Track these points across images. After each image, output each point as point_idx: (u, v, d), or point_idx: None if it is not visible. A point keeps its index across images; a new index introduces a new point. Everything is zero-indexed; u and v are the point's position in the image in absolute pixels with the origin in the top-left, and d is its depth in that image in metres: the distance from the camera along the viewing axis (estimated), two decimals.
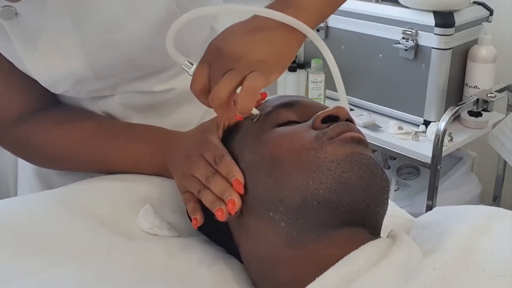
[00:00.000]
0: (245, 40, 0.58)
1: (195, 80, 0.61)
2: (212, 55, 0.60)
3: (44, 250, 0.62)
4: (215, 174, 0.62)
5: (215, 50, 0.59)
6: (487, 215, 0.60)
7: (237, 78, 0.58)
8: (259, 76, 0.58)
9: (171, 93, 0.81)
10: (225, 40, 0.59)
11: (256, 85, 0.58)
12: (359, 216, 0.56)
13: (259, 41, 0.58)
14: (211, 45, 0.60)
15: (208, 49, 0.61)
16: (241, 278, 0.62)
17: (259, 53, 0.58)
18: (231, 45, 0.58)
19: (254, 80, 0.57)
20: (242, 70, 0.58)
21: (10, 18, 0.65)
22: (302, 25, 0.59)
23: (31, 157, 0.82)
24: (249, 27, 0.59)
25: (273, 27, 0.58)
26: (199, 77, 0.60)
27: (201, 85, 0.60)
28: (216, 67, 0.59)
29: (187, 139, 0.71)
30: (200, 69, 0.61)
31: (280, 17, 0.58)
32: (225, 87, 0.57)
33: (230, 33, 0.60)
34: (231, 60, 0.58)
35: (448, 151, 1.70)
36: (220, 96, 0.58)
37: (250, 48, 0.58)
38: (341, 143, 0.57)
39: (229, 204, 0.59)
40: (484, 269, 0.49)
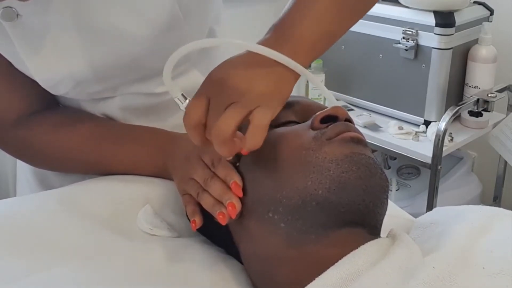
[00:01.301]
0: (248, 74, 0.56)
1: (190, 112, 0.57)
2: (212, 88, 0.57)
3: (44, 250, 0.62)
4: (213, 177, 0.62)
5: (216, 83, 0.57)
6: (488, 215, 0.60)
7: (242, 113, 0.55)
8: (267, 111, 0.55)
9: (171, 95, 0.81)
10: (225, 72, 0.57)
11: (265, 121, 0.55)
12: (358, 216, 0.56)
13: (261, 75, 0.57)
14: (210, 78, 0.58)
15: (207, 82, 0.58)
16: (241, 279, 0.62)
17: (261, 87, 0.56)
18: (233, 79, 0.56)
19: (263, 117, 0.55)
20: (247, 104, 0.55)
21: (11, 19, 0.64)
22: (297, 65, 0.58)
23: (31, 159, 0.82)
24: (248, 61, 0.57)
25: (272, 62, 0.57)
26: (195, 109, 0.57)
27: (196, 119, 0.57)
28: (217, 100, 0.56)
29: (186, 141, 0.71)
30: (197, 101, 0.57)
31: (276, 56, 0.57)
32: (230, 121, 0.54)
33: (230, 67, 0.58)
34: (235, 94, 0.55)
35: (449, 151, 1.70)
36: (225, 131, 0.54)
37: (254, 82, 0.56)
38: (340, 143, 0.57)
39: (229, 207, 0.59)
40: (484, 267, 0.49)
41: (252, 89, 0.55)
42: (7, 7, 0.63)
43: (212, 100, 0.57)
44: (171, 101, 0.81)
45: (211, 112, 0.57)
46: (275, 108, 0.57)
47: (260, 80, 0.56)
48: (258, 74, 0.56)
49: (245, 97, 0.55)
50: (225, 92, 0.56)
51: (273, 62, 0.57)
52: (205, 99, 0.57)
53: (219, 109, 0.55)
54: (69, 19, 0.67)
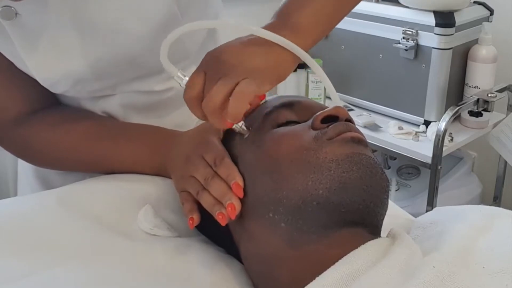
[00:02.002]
0: (242, 50, 0.60)
1: (189, 87, 0.60)
2: (208, 63, 0.60)
3: (44, 250, 0.62)
4: (214, 176, 0.62)
5: (212, 58, 0.60)
6: (487, 215, 0.60)
7: (230, 84, 0.58)
8: (251, 82, 0.58)
9: (171, 93, 0.81)
10: (223, 49, 0.60)
11: (247, 90, 0.58)
12: (359, 216, 0.56)
13: (255, 52, 0.60)
14: (208, 54, 0.61)
15: (205, 58, 0.61)
16: (241, 279, 0.62)
17: (254, 62, 0.59)
18: (227, 54, 0.59)
19: (245, 86, 0.58)
20: (235, 76, 0.58)
21: (10, 18, 0.65)
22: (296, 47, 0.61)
23: (31, 158, 0.82)
24: (247, 41, 0.61)
25: (270, 43, 0.60)
26: (194, 84, 0.60)
27: (195, 92, 0.60)
28: (211, 74, 0.59)
29: (187, 139, 0.71)
30: (195, 76, 0.60)
31: (276, 39, 0.60)
32: (218, 92, 0.57)
33: (228, 44, 0.61)
34: (226, 67, 0.58)
35: (449, 151, 1.70)
36: (213, 101, 0.58)
37: (246, 57, 0.59)
38: (341, 143, 0.57)
39: (228, 208, 0.59)
40: (484, 266, 0.49)
41: (242, 63, 0.58)
42: (6, 6, 0.64)
43: (207, 74, 0.60)
44: (171, 99, 0.81)
45: (206, 86, 0.60)
46: (264, 84, 0.59)
47: (255, 56, 0.59)
48: (255, 51, 0.60)
49: (235, 70, 0.58)
50: (218, 65, 0.59)
51: (272, 44, 0.60)
52: (202, 74, 0.60)
53: (212, 82, 0.59)
54: (67, 17, 0.67)
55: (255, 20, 0.77)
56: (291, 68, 0.62)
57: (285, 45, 0.60)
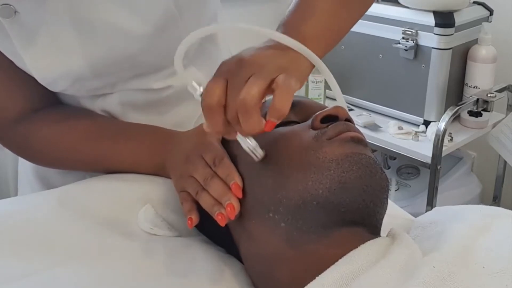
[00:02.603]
0: (264, 53, 0.57)
1: (209, 94, 0.54)
2: (229, 68, 0.56)
3: (44, 250, 0.62)
4: (213, 176, 0.62)
5: (233, 64, 0.56)
6: (487, 215, 0.60)
7: (265, 80, 0.53)
8: (290, 76, 0.53)
9: (170, 91, 0.81)
10: (243, 55, 0.56)
11: (291, 83, 0.53)
12: (358, 216, 0.56)
13: (277, 54, 0.57)
14: (226, 62, 0.57)
15: (223, 65, 0.57)
16: (241, 278, 0.62)
17: (280, 61, 0.56)
18: (251, 57, 0.56)
19: (288, 79, 0.53)
20: (269, 73, 0.54)
21: (9, 16, 0.65)
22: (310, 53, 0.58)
23: (31, 157, 0.83)
24: (264, 46, 0.58)
25: (286, 48, 0.58)
26: (214, 90, 0.54)
27: (216, 99, 0.54)
28: (236, 78, 0.54)
29: (186, 139, 0.71)
30: (215, 83, 0.55)
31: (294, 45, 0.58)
32: (254, 89, 0.52)
33: (245, 51, 0.57)
34: (254, 67, 0.54)
35: (448, 151, 1.70)
36: (250, 100, 0.52)
37: (271, 57, 0.56)
38: (341, 143, 0.57)
39: (227, 208, 0.59)
40: (484, 266, 0.49)
41: (271, 62, 0.56)
42: (5, 4, 0.64)
43: (230, 80, 0.55)
44: (169, 97, 0.82)
45: (230, 91, 0.54)
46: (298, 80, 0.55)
47: (277, 57, 0.57)
48: (276, 53, 0.57)
49: (265, 68, 0.54)
50: (243, 67, 0.55)
51: (288, 49, 0.58)
52: (223, 80, 0.55)
53: (240, 84, 0.53)
54: (66, 15, 0.67)
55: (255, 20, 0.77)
56: (309, 71, 0.61)
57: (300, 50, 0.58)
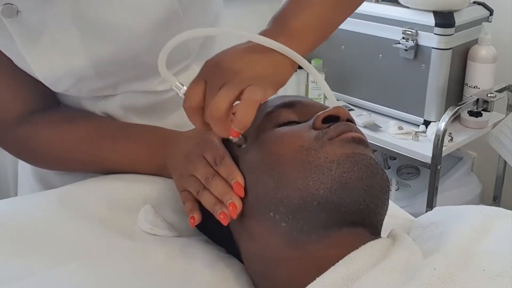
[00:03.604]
0: (242, 57, 0.59)
1: (190, 96, 0.59)
2: (208, 71, 0.60)
3: (44, 250, 0.62)
4: (215, 175, 0.62)
5: (212, 66, 0.59)
6: (487, 215, 0.59)
7: (234, 91, 0.57)
8: (257, 89, 0.57)
9: (171, 93, 0.81)
10: (222, 57, 0.60)
11: (255, 97, 0.56)
12: (359, 216, 0.56)
13: (255, 59, 0.59)
14: (207, 63, 0.60)
15: (204, 66, 0.60)
16: (242, 278, 0.62)
17: (255, 69, 0.59)
18: (228, 61, 0.59)
19: (253, 93, 0.56)
20: (239, 83, 0.57)
21: (12, 15, 0.65)
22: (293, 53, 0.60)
23: (31, 158, 0.82)
24: (245, 48, 0.61)
25: (267, 50, 0.60)
26: (194, 92, 0.59)
27: (195, 102, 0.59)
28: (213, 82, 0.58)
29: (187, 139, 0.71)
30: (195, 85, 0.59)
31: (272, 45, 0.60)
32: (224, 99, 0.56)
33: (226, 52, 0.60)
34: (228, 74, 0.57)
35: (448, 151, 1.70)
36: (218, 108, 0.56)
37: (247, 64, 0.59)
38: (342, 143, 0.57)
39: (230, 207, 0.59)
40: (485, 269, 0.49)
41: (245, 69, 0.58)
42: (7, 4, 0.64)
43: (208, 82, 0.59)
44: (171, 99, 0.81)
45: (207, 94, 0.58)
46: (268, 89, 0.58)
47: (255, 63, 0.59)
48: (254, 58, 0.59)
49: (238, 77, 0.57)
50: (219, 73, 0.58)
51: (270, 50, 0.60)
52: (202, 83, 0.59)
53: (215, 90, 0.57)
54: (68, 15, 0.67)
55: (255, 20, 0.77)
56: (290, 73, 0.62)
57: (282, 50, 0.60)
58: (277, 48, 0.60)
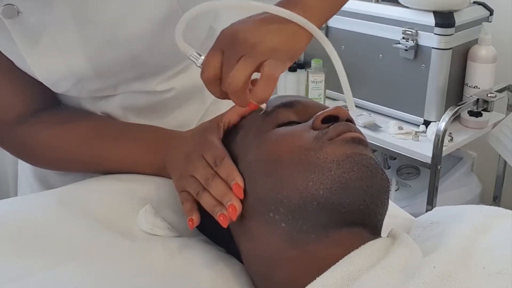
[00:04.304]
0: (259, 29, 0.60)
1: (207, 67, 0.60)
2: (225, 41, 0.60)
3: (44, 250, 0.62)
4: (215, 176, 0.61)
5: (229, 37, 0.60)
6: (487, 215, 0.60)
7: (253, 64, 0.58)
8: (277, 63, 0.58)
9: (171, 93, 0.81)
10: (239, 28, 0.60)
11: (275, 72, 0.58)
12: (359, 217, 0.56)
13: (272, 30, 0.60)
14: (224, 33, 0.61)
15: (221, 37, 0.61)
16: (242, 279, 0.62)
17: (272, 41, 0.59)
18: (245, 33, 0.59)
19: (273, 67, 0.58)
20: (258, 56, 0.58)
21: (12, 16, 0.65)
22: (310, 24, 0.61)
23: (31, 158, 0.82)
24: (261, 19, 0.61)
25: (283, 21, 0.60)
26: (211, 63, 0.60)
27: (213, 72, 0.60)
28: (230, 53, 0.59)
29: (187, 139, 0.71)
30: (212, 56, 0.60)
31: (289, 15, 0.60)
32: (242, 71, 0.58)
33: (243, 23, 0.61)
34: (246, 46, 0.58)
35: (448, 151, 1.70)
36: (237, 81, 0.58)
37: (264, 36, 0.59)
38: (341, 143, 0.57)
39: (229, 209, 0.59)
40: (484, 266, 0.49)
41: (262, 42, 0.58)
42: (8, 5, 0.64)
43: (225, 53, 0.60)
44: (171, 99, 0.81)
45: (224, 65, 0.60)
46: (286, 62, 0.60)
47: (271, 35, 0.59)
48: (270, 29, 0.60)
49: (256, 49, 0.58)
50: (237, 45, 0.59)
51: (285, 21, 0.60)
52: (219, 53, 0.60)
53: (232, 62, 0.59)
54: (69, 15, 0.67)
55: None
56: (305, 45, 0.63)
57: (299, 21, 0.60)
58: (294, 19, 0.60)
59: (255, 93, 0.59)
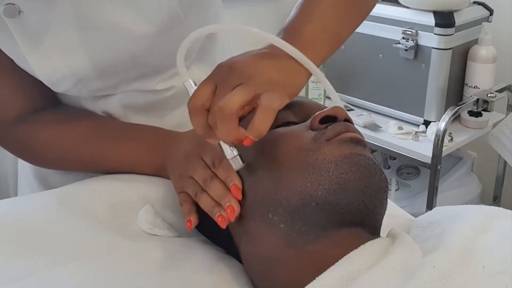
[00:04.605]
0: (257, 62, 0.57)
1: (196, 95, 0.56)
2: (220, 73, 0.57)
3: (44, 250, 0.62)
4: (213, 178, 0.61)
5: (225, 69, 0.57)
6: (487, 215, 0.60)
7: (249, 93, 0.54)
8: (276, 96, 0.54)
9: (171, 92, 0.81)
10: (236, 60, 0.57)
11: (273, 105, 0.53)
12: (358, 217, 0.56)
13: (271, 65, 0.57)
14: (221, 65, 0.58)
15: (217, 69, 0.58)
16: (241, 279, 0.62)
17: (270, 74, 0.57)
18: (243, 65, 0.56)
19: (271, 100, 0.53)
20: (256, 86, 0.54)
21: (14, 16, 0.65)
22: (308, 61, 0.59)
23: (31, 157, 0.82)
24: (260, 53, 0.59)
25: (282, 55, 0.58)
26: (202, 91, 0.56)
27: (201, 100, 0.55)
28: (225, 83, 0.55)
29: (186, 139, 0.71)
30: (204, 85, 0.56)
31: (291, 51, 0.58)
32: (236, 98, 0.53)
33: (240, 56, 0.58)
34: (243, 76, 0.55)
35: (448, 151, 1.70)
36: (231, 105, 0.52)
37: (262, 69, 0.56)
38: (339, 144, 0.57)
39: (227, 210, 0.58)
40: (484, 266, 0.49)
41: (260, 74, 0.56)
42: (9, 4, 0.64)
43: (218, 85, 0.56)
44: (171, 98, 0.81)
45: (217, 94, 0.55)
46: (284, 98, 0.56)
47: (270, 69, 0.57)
48: (269, 64, 0.57)
49: (254, 79, 0.55)
50: (232, 75, 0.56)
51: (285, 56, 0.58)
52: (212, 84, 0.56)
53: (226, 91, 0.54)
54: (70, 15, 0.67)
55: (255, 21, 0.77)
56: (304, 83, 0.61)
57: (298, 58, 0.59)
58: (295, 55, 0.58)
59: (252, 125, 0.53)
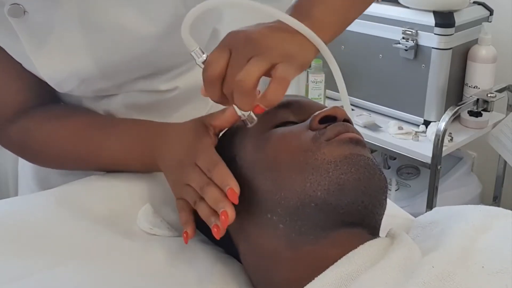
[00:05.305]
0: (272, 34, 0.58)
1: (212, 64, 0.57)
2: (235, 40, 0.58)
3: (44, 250, 0.62)
4: (209, 183, 0.60)
5: (239, 37, 0.57)
6: (487, 215, 0.59)
7: (266, 64, 0.55)
8: (290, 68, 0.56)
9: (175, 92, 0.81)
10: (252, 30, 0.58)
11: (288, 76, 0.55)
12: (357, 217, 0.56)
13: (285, 38, 0.59)
14: (234, 33, 0.58)
15: (230, 36, 0.58)
16: (241, 279, 0.62)
17: (286, 47, 0.58)
18: (258, 35, 0.57)
19: (286, 71, 0.56)
20: (272, 57, 0.56)
21: (18, 16, 0.65)
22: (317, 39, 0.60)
23: (27, 155, 0.82)
24: (273, 26, 0.60)
25: (293, 31, 0.59)
26: (217, 61, 0.56)
27: (217, 71, 0.56)
28: (240, 52, 0.56)
29: (178, 137, 0.68)
30: (218, 53, 0.57)
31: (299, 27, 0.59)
32: (253, 71, 0.54)
33: (255, 26, 0.59)
34: (259, 47, 0.56)
35: (448, 151, 1.70)
36: (249, 79, 0.54)
37: (277, 41, 0.58)
38: (339, 144, 0.57)
39: (222, 216, 0.57)
40: (484, 266, 0.49)
41: (276, 45, 0.57)
42: (14, 4, 0.64)
43: (234, 52, 0.57)
44: (174, 98, 0.81)
45: (232, 64, 0.56)
46: (297, 69, 0.58)
47: (285, 41, 0.58)
48: (283, 36, 0.59)
49: (270, 51, 0.56)
50: (249, 45, 0.56)
51: (295, 32, 0.59)
52: (226, 52, 0.57)
53: (241, 61, 0.55)
54: (75, 16, 0.67)
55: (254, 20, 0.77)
56: (313, 57, 0.62)
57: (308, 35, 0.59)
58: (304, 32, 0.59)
59: (265, 95, 0.55)
